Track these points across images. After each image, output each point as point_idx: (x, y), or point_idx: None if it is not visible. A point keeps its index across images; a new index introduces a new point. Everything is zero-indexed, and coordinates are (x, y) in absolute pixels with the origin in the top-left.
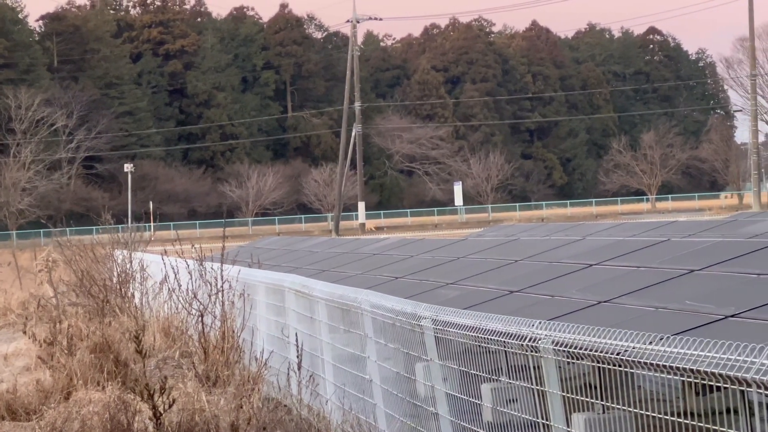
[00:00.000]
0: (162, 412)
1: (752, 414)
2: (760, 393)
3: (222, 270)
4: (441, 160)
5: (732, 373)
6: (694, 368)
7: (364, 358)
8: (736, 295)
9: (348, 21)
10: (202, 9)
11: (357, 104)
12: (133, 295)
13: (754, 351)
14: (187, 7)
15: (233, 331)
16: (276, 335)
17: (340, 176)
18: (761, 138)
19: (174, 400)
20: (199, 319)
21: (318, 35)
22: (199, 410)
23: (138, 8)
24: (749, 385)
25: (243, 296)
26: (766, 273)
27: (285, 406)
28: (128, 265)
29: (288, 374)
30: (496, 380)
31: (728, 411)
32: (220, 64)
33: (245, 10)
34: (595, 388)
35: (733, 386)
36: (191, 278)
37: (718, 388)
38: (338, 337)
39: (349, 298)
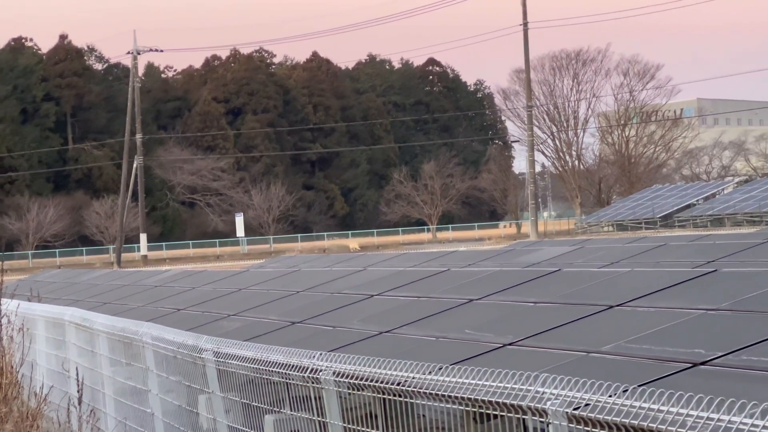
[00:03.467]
0: None
1: None
2: (535, 419)
3: (0, 304)
4: (222, 192)
5: (509, 401)
6: (473, 397)
7: (146, 392)
8: (514, 324)
9: (129, 52)
10: None
11: (138, 136)
12: None
13: (530, 379)
14: None
15: (12, 367)
16: (57, 370)
17: (122, 208)
18: (538, 168)
19: None
20: None
21: (99, 66)
22: None
23: None
24: (525, 413)
25: (22, 331)
26: (542, 301)
27: None
28: None
29: (68, 409)
30: (279, 411)
31: None
32: None
33: (24, 40)
34: (377, 417)
35: (509, 414)
36: None
37: (496, 416)
38: (120, 371)
39: (130, 330)
